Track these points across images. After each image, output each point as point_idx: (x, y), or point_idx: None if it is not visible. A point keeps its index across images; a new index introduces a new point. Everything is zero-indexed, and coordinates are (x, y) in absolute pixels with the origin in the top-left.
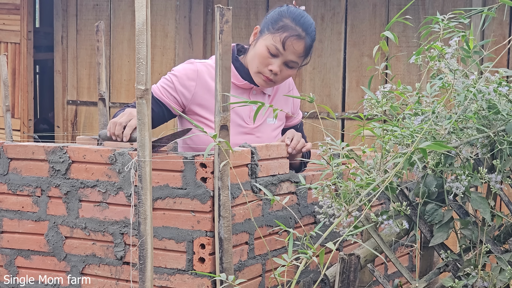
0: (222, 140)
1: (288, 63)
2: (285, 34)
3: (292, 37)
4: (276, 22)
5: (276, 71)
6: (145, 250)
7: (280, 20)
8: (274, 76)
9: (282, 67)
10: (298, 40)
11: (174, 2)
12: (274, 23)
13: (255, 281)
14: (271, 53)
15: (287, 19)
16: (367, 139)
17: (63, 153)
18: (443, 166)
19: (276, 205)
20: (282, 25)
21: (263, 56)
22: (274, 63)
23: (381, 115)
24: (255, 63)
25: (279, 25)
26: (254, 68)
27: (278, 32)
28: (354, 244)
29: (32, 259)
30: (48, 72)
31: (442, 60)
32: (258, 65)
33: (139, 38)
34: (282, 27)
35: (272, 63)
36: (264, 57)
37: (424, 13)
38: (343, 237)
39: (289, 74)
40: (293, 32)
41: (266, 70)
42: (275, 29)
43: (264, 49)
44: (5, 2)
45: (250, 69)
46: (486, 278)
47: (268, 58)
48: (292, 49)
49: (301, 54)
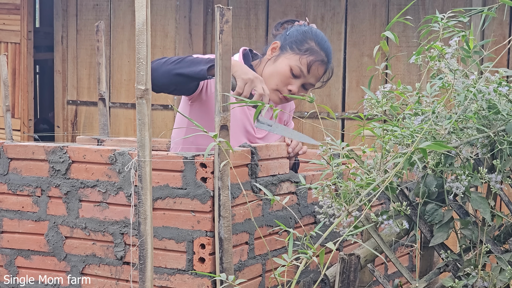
0: (223, 140)
1: (306, 85)
2: (311, 57)
3: (318, 62)
4: (301, 43)
5: (294, 92)
6: (145, 250)
7: (305, 42)
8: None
9: (300, 88)
10: (321, 65)
11: (174, 2)
12: (299, 43)
13: (255, 281)
14: (293, 73)
15: (312, 42)
16: (367, 139)
17: (63, 153)
18: (443, 166)
19: (276, 205)
20: (308, 48)
21: (285, 76)
22: (294, 83)
23: (381, 115)
24: (274, 81)
25: (305, 47)
26: (272, 85)
27: (304, 54)
28: (354, 244)
29: (32, 259)
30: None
31: (442, 60)
32: (278, 83)
33: (139, 38)
34: (308, 50)
35: (293, 83)
36: (286, 77)
37: (424, 13)
38: (343, 237)
39: (302, 95)
40: (319, 57)
41: (285, 90)
42: (301, 50)
43: (287, 69)
44: (5, 2)
45: (267, 84)
46: (486, 278)
47: (290, 78)
48: (315, 73)
49: (319, 78)
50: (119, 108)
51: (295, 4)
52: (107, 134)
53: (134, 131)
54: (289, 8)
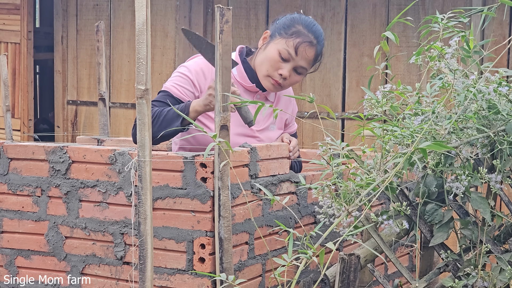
0: (222, 140)
1: (298, 68)
2: (298, 39)
3: (305, 43)
4: (289, 27)
5: (285, 76)
6: (145, 250)
7: (292, 26)
8: (283, 80)
9: (291, 72)
10: (310, 47)
11: (174, 2)
12: (286, 28)
13: (255, 281)
14: (282, 57)
15: (299, 25)
16: (367, 139)
17: (63, 153)
18: (443, 166)
19: (276, 205)
20: (295, 30)
21: (274, 60)
22: (285, 67)
23: (381, 115)
24: (265, 67)
25: (292, 31)
26: (263, 71)
27: (291, 37)
28: (354, 244)
29: (32, 259)
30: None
31: (442, 60)
32: (268, 68)
33: (139, 38)
34: (295, 32)
35: (283, 67)
36: (275, 61)
37: (424, 13)
38: (343, 237)
39: (296, 80)
40: (306, 38)
41: (276, 74)
42: (288, 34)
43: (276, 53)
44: (5, 2)
45: (258, 72)
46: (486, 278)
47: (279, 62)
48: (304, 55)
49: (311, 61)
50: (119, 108)
51: (295, 4)
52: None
53: None
54: (289, 8)
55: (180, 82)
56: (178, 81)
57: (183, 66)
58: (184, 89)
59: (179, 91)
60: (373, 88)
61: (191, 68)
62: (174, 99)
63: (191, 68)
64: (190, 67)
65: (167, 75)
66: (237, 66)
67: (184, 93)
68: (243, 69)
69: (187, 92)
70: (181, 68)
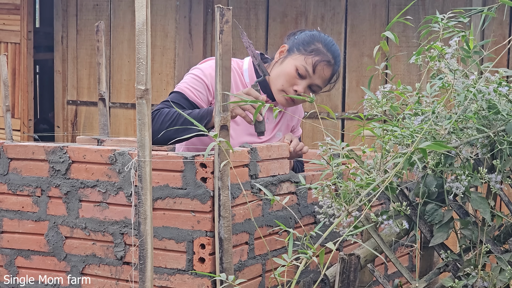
0: (223, 140)
1: (313, 86)
2: (317, 58)
3: (323, 62)
4: (308, 44)
5: (300, 92)
6: (145, 250)
7: (312, 43)
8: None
9: (306, 89)
10: (328, 66)
11: (174, 2)
12: (306, 45)
13: (255, 281)
14: (299, 73)
15: (319, 44)
16: (367, 139)
17: (63, 153)
18: (443, 166)
19: (276, 205)
20: (315, 48)
21: (290, 76)
22: (300, 84)
23: (381, 115)
24: (280, 81)
25: (312, 48)
26: (278, 85)
27: (310, 54)
28: (354, 244)
29: (32, 259)
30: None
31: (442, 60)
32: (284, 83)
33: (139, 38)
34: (314, 50)
35: (298, 83)
36: (291, 77)
37: (424, 13)
38: (343, 237)
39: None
40: (324, 57)
41: (291, 90)
42: (308, 51)
43: (293, 69)
44: (5, 2)
45: (273, 85)
46: (486, 278)
47: (295, 78)
48: (321, 73)
49: (326, 80)
50: (119, 108)
51: (295, 4)
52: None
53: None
54: (289, 8)
55: (194, 85)
56: (193, 83)
57: (197, 69)
58: (199, 92)
59: (193, 94)
60: (373, 88)
61: (206, 72)
62: (188, 102)
63: (206, 72)
64: (205, 71)
65: (167, 75)
66: (249, 73)
67: (198, 96)
68: (255, 76)
69: (201, 95)
70: (195, 70)
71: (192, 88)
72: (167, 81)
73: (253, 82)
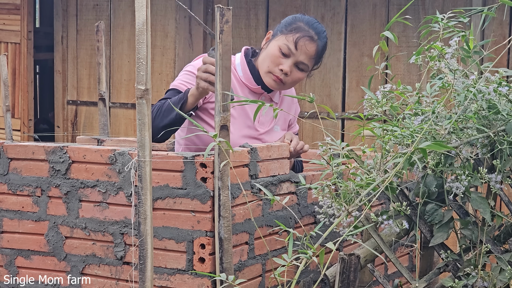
0: (223, 140)
1: (299, 64)
2: (298, 34)
3: (305, 38)
4: (290, 24)
5: (286, 71)
6: (145, 250)
7: (293, 23)
8: (284, 76)
9: (293, 68)
10: (310, 42)
11: (174, 2)
12: (287, 25)
13: (255, 281)
14: (283, 52)
15: (300, 22)
16: (367, 139)
17: (63, 153)
18: (443, 166)
19: (276, 205)
20: (296, 26)
21: (274, 56)
22: (285, 63)
23: (381, 115)
24: (266, 63)
25: (292, 27)
26: (264, 67)
27: (291, 33)
28: (354, 244)
29: (32, 259)
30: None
31: (442, 60)
32: (269, 64)
33: (139, 38)
34: (295, 28)
35: (283, 62)
36: (275, 57)
37: (424, 13)
38: (343, 237)
39: (299, 77)
40: (306, 33)
41: (277, 70)
42: (288, 30)
43: (276, 49)
44: (5, 2)
45: (260, 69)
46: (486, 278)
47: (280, 58)
48: (304, 49)
49: (312, 56)
50: (119, 108)
51: (295, 4)
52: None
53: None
54: (289, 8)
55: (187, 79)
56: (185, 78)
57: (190, 65)
58: (191, 85)
59: (186, 87)
60: (373, 88)
61: (198, 66)
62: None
63: (197, 66)
64: (197, 65)
65: (167, 75)
66: (242, 66)
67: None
68: (248, 70)
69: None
70: (188, 67)
71: (185, 82)
72: (167, 81)
73: (246, 75)
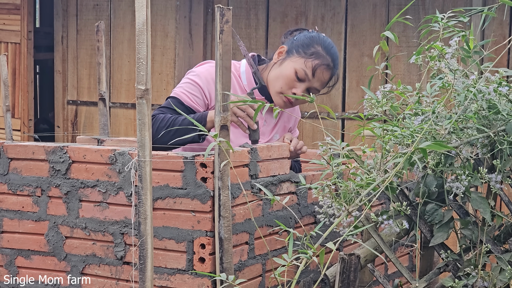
0: (223, 140)
1: (311, 89)
2: (317, 61)
3: (323, 66)
4: (308, 47)
5: (299, 95)
6: (145, 250)
7: (312, 46)
8: (295, 99)
9: (304, 92)
10: (327, 70)
11: (174, 2)
12: (305, 47)
13: (255, 281)
14: (298, 77)
15: (318, 46)
16: (367, 139)
17: (63, 153)
18: (443, 166)
19: (276, 205)
20: (314, 51)
21: (289, 79)
22: (299, 87)
23: (381, 115)
24: (279, 84)
25: (311, 51)
26: (277, 87)
27: (310, 58)
28: (354, 244)
29: (32, 259)
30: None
31: (442, 60)
32: (283, 85)
33: (139, 38)
34: (314, 53)
35: (297, 86)
36: (290, 80)
37: (424, 13)
38: (343, 237)
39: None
40: (324, 61)
41: (290, 93)
42: (307, 54)
43: (292, 72)
44: (5, 2)
45: (271, 87)
46: (486, 278)
47: (294, 81)
48: (320, 77)
49: (324, 83)
50: (119, 108)
51: (295, 4)
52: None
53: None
54: (289, 8)
55: (190, 89)
56: (189, 88)
57: (193, 73)
58: (194, 97)
59: (189, 99)
60: (373, 88)
61: (202, 76)
62: (184, 107)
63: (201, 76)
64: (201, 75)
65: (167, 75)
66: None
67: (194, 100)
68: (253, 80)
69: (197, 99)
70: (191, 74)
71: (187, 92)
72: (167, 81)
73: (250, 85)
